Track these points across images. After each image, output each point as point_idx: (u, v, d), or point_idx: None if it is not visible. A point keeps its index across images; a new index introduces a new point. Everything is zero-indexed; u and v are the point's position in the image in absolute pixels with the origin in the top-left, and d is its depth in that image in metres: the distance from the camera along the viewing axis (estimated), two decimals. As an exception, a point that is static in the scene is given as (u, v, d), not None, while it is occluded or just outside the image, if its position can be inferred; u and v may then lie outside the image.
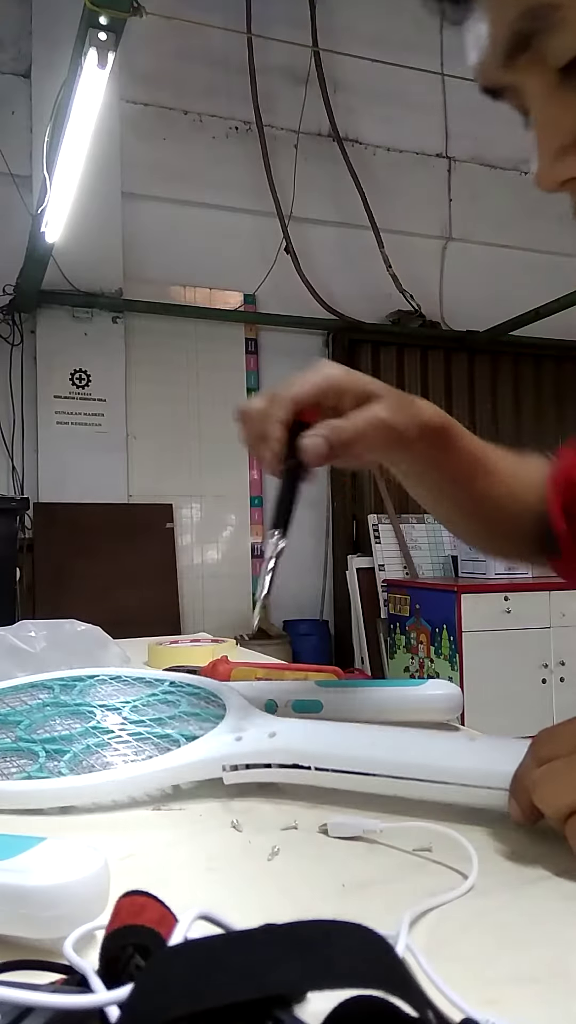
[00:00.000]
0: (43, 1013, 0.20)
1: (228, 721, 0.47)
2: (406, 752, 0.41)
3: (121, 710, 0.52)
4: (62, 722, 0.51)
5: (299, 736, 0.43)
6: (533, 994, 0.25)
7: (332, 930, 0.20)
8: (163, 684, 0.56)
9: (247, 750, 0.43)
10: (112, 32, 1.88)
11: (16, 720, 0.51)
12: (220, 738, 0.44)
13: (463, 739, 0.42)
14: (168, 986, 0.18)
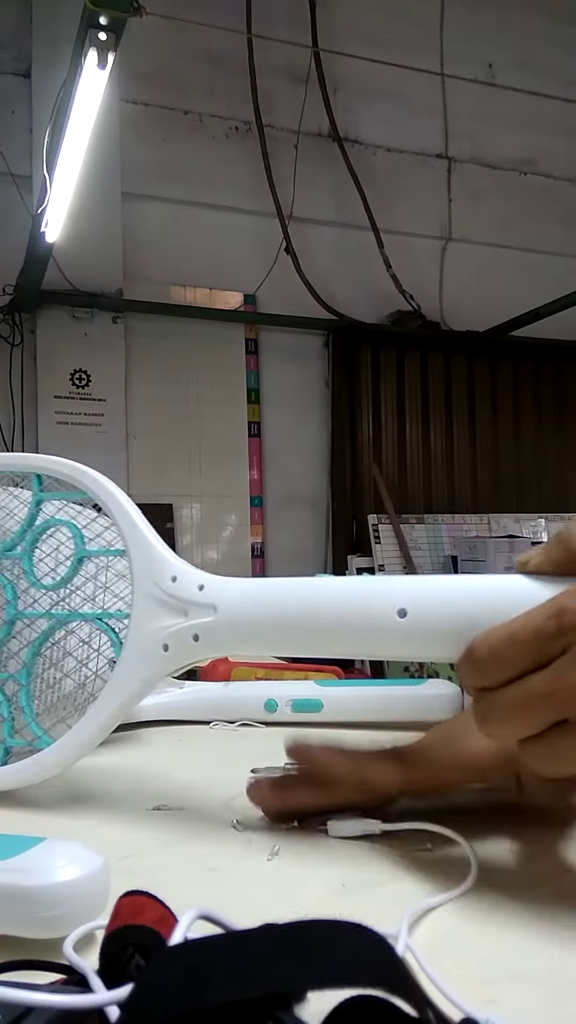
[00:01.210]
0: (43, 1013, 0.20)
1: (140, 592, 0.39)
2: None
3: (19, 560, 0.44)
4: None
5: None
6: (533, 994, 0.25)
7: (332, 930, 0.20)
8: (33, 492, 0.45)
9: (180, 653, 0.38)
10: (112, 32, 1.88)
11: None
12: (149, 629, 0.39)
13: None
14: (168, 986, 0.18)
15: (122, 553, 0.41)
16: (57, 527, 0.45)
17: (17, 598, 0.44)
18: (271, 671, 0.71)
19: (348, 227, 3.56)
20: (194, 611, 0.37)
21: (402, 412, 3.68)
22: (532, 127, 3.87)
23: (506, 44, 3.82)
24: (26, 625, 0.44)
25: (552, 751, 0.27)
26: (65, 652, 0.44)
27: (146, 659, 0.39)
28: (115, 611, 0.42)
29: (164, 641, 0.38)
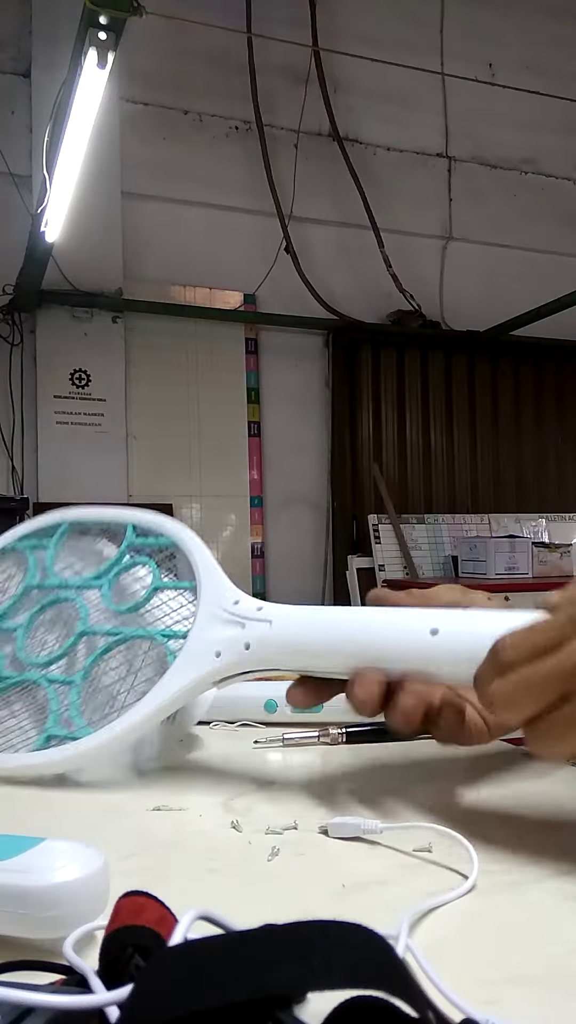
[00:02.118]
0: (43, 1013, 0.20)
1: (203, 613, 0.45)
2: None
3: (100, 588, 0.51)
4: (50, 623, 0.51)
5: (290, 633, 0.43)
6: (533, 994, 0.25)
7: (332, 930, 0.20)
8: (126, 537, 0.53)
9: (231, 661, 0.43)
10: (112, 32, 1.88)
11: (9, 627, 0.52)
12: (200, 651, 0.44)
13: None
14: (168, 986, 0.18)
15: (192, 587, 0.48)
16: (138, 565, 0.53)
17: (88, 616, 0.51)
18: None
19: (348, 226, 3.56)
20: (251, 625, 0.43)
21: (402, 412, 3.68)
22: (533, 126, 3.87)
23: (507, 43, 3.82)
24: (93, 638, 0.50)
25: (550, 729, 0.32)
26: (122, 662, 0.49)
27: (197, 663, 0.43)
28: (176, 630, 0.47)
29: (217, 648, 0.43)
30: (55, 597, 0.52)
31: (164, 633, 0.47)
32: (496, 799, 0.43)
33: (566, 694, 0.31)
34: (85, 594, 0.51)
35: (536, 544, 3.16)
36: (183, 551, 0.50)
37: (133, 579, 0.51)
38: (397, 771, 0.48)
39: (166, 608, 0.49)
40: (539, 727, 0.32)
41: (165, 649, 0.46)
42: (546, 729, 0.32)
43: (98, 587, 0.51)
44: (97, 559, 0.53)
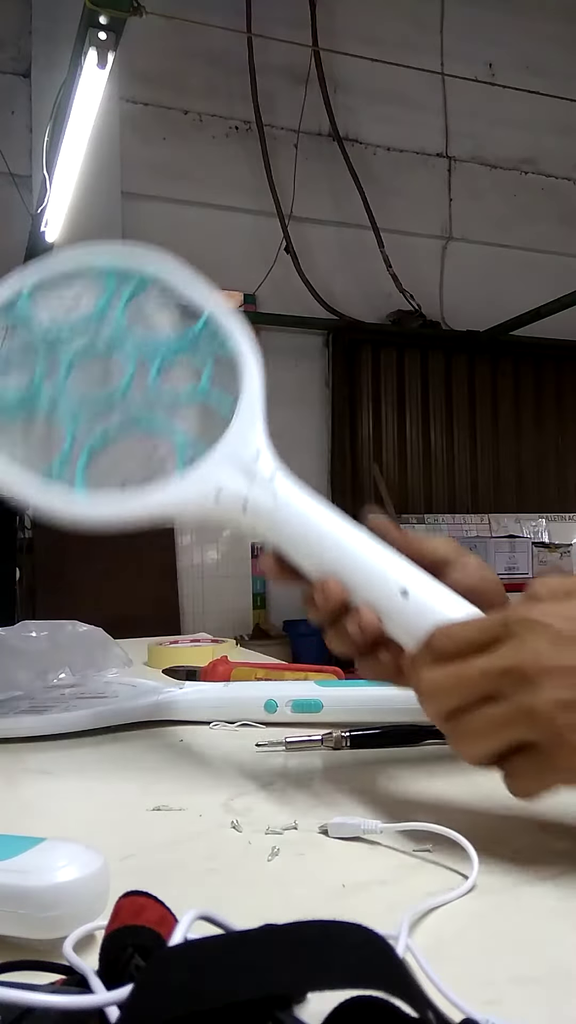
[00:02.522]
0: (43, 1013, 0.20)
1: (225, 446, 0.44)
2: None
3: (150, 364, 0.48)
4: (91, 372, 0.48)
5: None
6: (533, 994, 0.25)
7: (332, 930, 0.20)
8: (198, 325, 0.49)
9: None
10: (112, 31, 1.88)
11: (58, 342, 0.48)
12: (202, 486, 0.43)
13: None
14: (168, 986, 0.18)
15: (229, 413, 0.46)
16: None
17: (128, 382, 0.48)
18: (271, 671, 0.71)
19: (348, 226, 3.56)
20: (257, 488, 0.42)
21: (402, 412, 3.68)
22: (533, 126, 3.87)
23: (506, 43, 3.82)
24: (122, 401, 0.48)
25: (468, 727, 0.32)
26: (135, 448, 0.47)
27: (195, 490, 0.43)
28: (197, 446, 0.45)
29: (219, 489, 0.43)
30: (107, 345, 0.49)
31: (185, 441, 0.46)
32: (496, 799, 0.43)
33: (490, 694, 0.31)
34: (137, 358, 0.48)
35: (536, 544, 3.16)
36: (240, 374, 0.48)
37: (184, 370, 0.49)
38: (397, 771, 0.48)
39: (197, 415, 0.47)
40: (459, 723, 0.32)
41: (177, 458, 0.45)
42: (465, 726, 0.32)
43: (152, 360, 0.48)
44: (158, 332, 0.50)
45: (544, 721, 0.30)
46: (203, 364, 0.48)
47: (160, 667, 0.81)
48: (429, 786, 0.45)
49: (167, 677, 0.73)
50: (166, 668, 0.77)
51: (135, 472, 0.45)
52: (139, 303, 0.50)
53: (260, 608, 3.50)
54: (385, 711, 0.56)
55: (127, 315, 0.49)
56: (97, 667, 0.77)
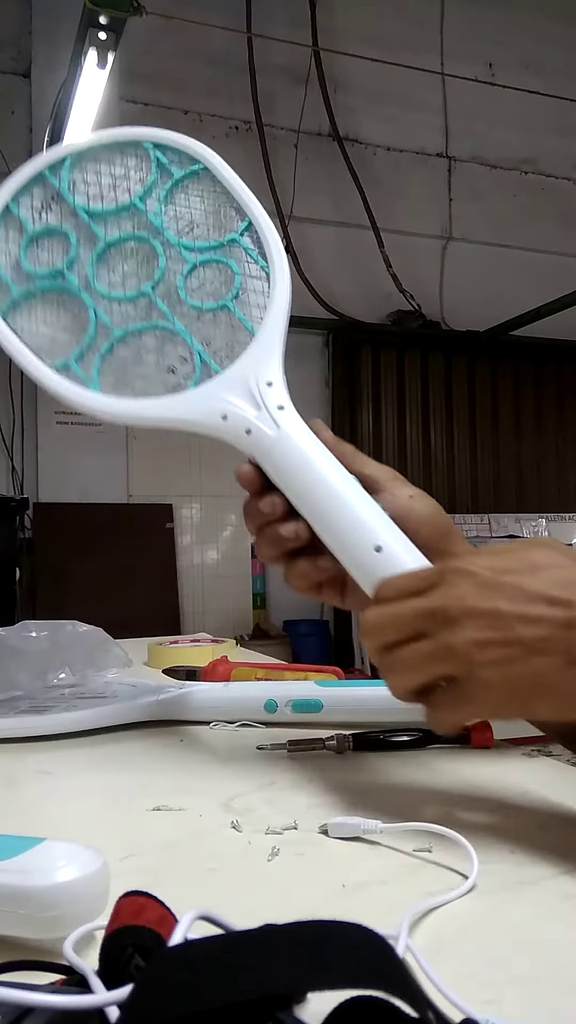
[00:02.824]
0: (43, 1013, 0.20)
1: (238, 368, 0.45)
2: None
3: (183, 266, 0.47)
4: (124, 259, 0.48)
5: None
6: (533, 994, 0.25)
7: (332, 930, 0.20)
8: (239, 228, 0.48)
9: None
10: (112, 31, 1.88)
11: (96, 217, 0.47)
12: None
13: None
14: (168, 986, 0.18)
15: (251, 330, 0.46)
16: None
17: (161, 280, 0.48)
18: (271, 671, 0.71)
19: (348, 226, 3.56)
20: (263, 417, 0.44)
21: (402, 412, 3.68)
22: (533, 126, 3.87)
23: (506, 43, 3.82)
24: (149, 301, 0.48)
25: (399, 660, 0.35)
26: (154, 347, 0.47)
27: (204, 407, 0.44)
28: (213, 361, 0.46)
29: (226, 413, 0.44)
30: (144, 232, 0.48)
31: (203, 354, 0.46)
32: (496, 800, 0.43)
33: (419, 632, 0.35)
34: (171, 253, 0.48)
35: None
36: (268, 297, 0.47)
37: (215, 276, 0.48)
38: (397, 771, 0.48)
39: (219, 326, 0.47)
40: (391, 656, 0.36)
41: (194, 370, 0.46)
42: (395, 660, 0.35)
43: (186, 257, 0.48)
44: (196, 228, 0.49)
45: (462, 658, 0.33)
46: (235, 275, 0.48)
47: (160, 667, 0.81)
48: (429, 786, 0.45)
49: (167, 677, 0.73)
50: (166, 668, 0.77)
51: (151, 377, 0.46)
52: (183, 192, 0.49)
53: (260, 608, 3.50)
54: (386, 711, 0.56)
55: (169, 204, 0.48)
56: (97, 667, 0.77)
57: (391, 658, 0.36)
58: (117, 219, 0.48)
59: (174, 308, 0.47)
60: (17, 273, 0.48)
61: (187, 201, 0.49)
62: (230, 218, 0.48)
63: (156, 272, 0.48)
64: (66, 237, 0.48)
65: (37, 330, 0.47)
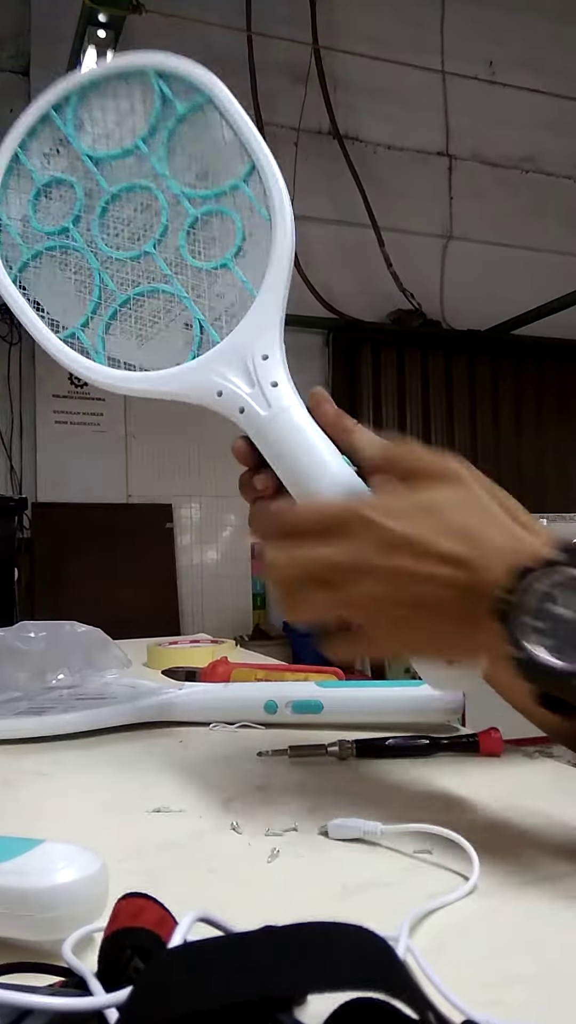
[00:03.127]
0: (42, 1015, 0.19)
1: (232, 341, 0.43)
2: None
3: (184, 219, 0.44)
4: (127, 212, 0.45)
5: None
6: (533, 995, 0.24)
7: (332, 932, 0.20)
8: (243, 171, 0.44)
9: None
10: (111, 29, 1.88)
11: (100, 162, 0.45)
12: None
13: None
14: (167, 988, 0.18)
15: (251, 294, 0.44)
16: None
17: (164, 234, 0.46)
18: (271, 672, 0.70)
19: (348, 225, 3.56)
20: (256, 395, 0.43)
21: (403, 411, 3.68)
22: (533, 125, 3.87)
23: (507, 41, 3.82)
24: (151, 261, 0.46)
25: (329, 641, 0.38)
26: (155, 311, 0.46)
27: (200, 383, 0.44)
28: (212, 327, 0.44)
29: (221, 389, 0.44)
30: (147, 179, 0.45)
31: (203, 321, 0.44)
32: (496, 801, 0.43)
33: (322, 580, 0.36)
34: (174, 204, 0.45)
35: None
36: (269, 259, 0.44)
37: (219, 231, 0.45)
38: (397, 773, 0.48)
39: (220, 288, 0.45)
40: (292, 597, 0.37)
41: (193, 339, 0.44)
42: (296, 601, 0.37)
43: (188, 208, 0.45)
44: (199, 172, 0.46)
45: (359, 611, 0.36)
46: (236, 228, 0.45)
47: (159, 668, 0.81)
48: (429, 787, 0.45)
49: (166, 678, 0.73)
50: (165, 669, 0.77)
51: (152, 347, 0.45)
52: (187, 130, 0.46)
53: (260, 608, 3.50)
54: (386, 712, 0.56)
55: (173, 145, 0.45)
56: (96, 668, 0.76)
57: (291, 597, 0.37)
58: (121, 165, 0.46)
59: (176, 269, 0.45)
60: (26, 230, 0.46)
61: (191, 141, 0.46)
62: (233, 160, 0.45)
63: (158, 228, 0.45)
64: (72, 188, 0.46)
65: (46, 294, 0.46)
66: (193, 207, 0.45)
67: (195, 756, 0.53)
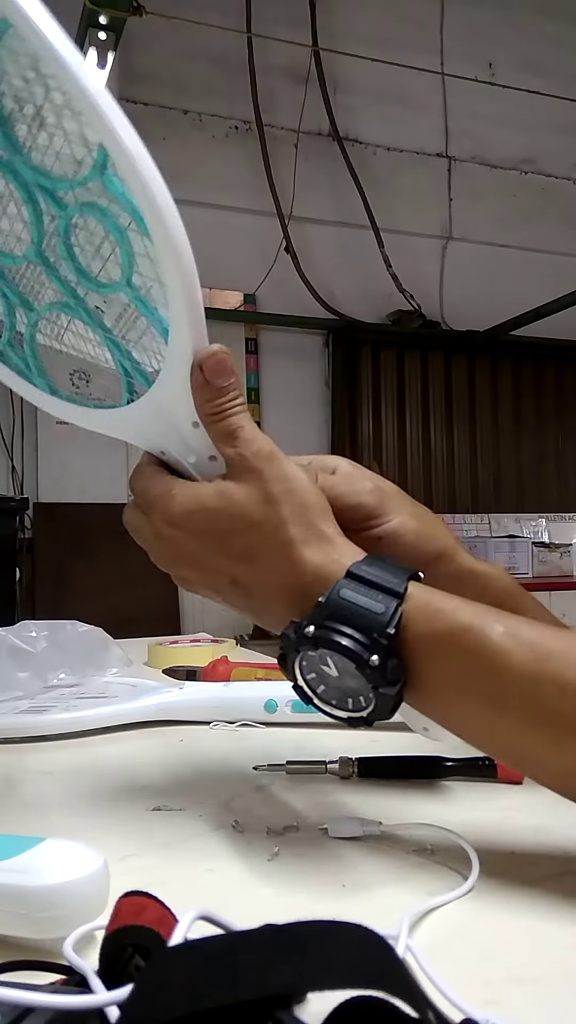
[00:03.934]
0: (43, 1013, 0.20)
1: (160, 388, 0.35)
2: None
3: (56, 222, 0.33)
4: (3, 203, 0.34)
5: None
6: (533, 994, 0.25)
7: (332, 930, 0.20)
8: (94, 161, 0.32)
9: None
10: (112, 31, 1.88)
11: None
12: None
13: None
14: (168, 987, 0.18)
15: (162, 337, 0.34)
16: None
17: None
18: (271, 671, 0.71)
19: (348, 226, 3.56)
20: (200, 465, 0.37)
21: (402, 412, 3.68)
22: (533, 126, 3.87)
23: (506, 43, 3.82)
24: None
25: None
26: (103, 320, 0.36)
27: (145, 436, 0.39)
28: (144, 373, 0.36)
29: (164, 448, 0.38)
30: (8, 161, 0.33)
31: (122, 360, 0.36)
32: (496, 800, 0.43)
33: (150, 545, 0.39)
34: (40, 196, 0.33)
35: (536, 544, 3.16)
36: (164, 292, 0.33)
37: (103, 235, 0.33)
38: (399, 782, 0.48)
39: (128, 319, 0.35)
40: (151, 555, 0.40)
41: (120, 379, 0.37)
42: (144, 544, 0.40)
43: (61, 213, 0.33)
44: (65, 144, 0.31)
45: (185, 584, 0.39)
46: (115, 239, 0.33)
47: (160, 667, 0.81)
48: (429, 786, 0.45)
49: (167, 677, 0.73)
50: (166, 668, 0.77)
51: (85, 378, 0.38)
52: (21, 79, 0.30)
53: (260, 608, 3.49)
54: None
55: (16, 105, 0.31)
56: (97, 667, 0.77)
57: (151, 556, 0.40)
58: None
59: (72, 284, 0.35)
60: None
61: (32, 100, 0.30)
62: (80, 135, 0.31)
63: (31, 229, 0.34)
64: None
65: None
66: (59, 205, 0.33)
67: (195, 755, 0.53)
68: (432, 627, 0.32)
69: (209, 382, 0.35)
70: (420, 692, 0.33)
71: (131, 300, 0.34)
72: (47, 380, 0.40)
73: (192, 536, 0.36)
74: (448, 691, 0.32)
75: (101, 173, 0.32)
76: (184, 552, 0.37)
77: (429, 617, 0.32)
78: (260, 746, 0.54)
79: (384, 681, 0.31)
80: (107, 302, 0.35)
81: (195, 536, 0.36)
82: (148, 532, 0.39)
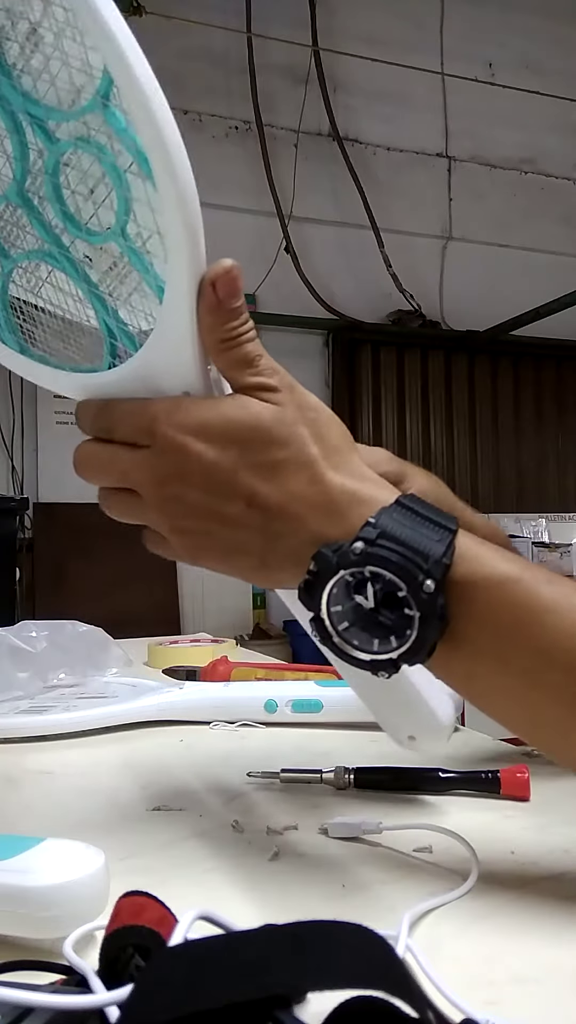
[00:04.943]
0: (43, 1013, 0.20)
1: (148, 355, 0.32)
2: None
3: (46, 157, 0.30)
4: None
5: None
6: (533, 994, 0.25)
7: (332, 930, 0.20)
8: (98, 88, 0.28)
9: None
10: (112, 32, 1.88)
11: None
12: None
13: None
14: (168, 986, 0.18)
15: (156, 294, 0.31)
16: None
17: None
18: (271, 671, 0.71)
19: (348, 226, 3.56)
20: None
21: (402, 412, 3.68)
22: (532, 126, 3.87)
23: (506, 43, 3.82)
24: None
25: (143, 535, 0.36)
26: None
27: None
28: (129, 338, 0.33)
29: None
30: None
31: (107, 319, 0.32)
32: (495, 800, 0.43)
33: (132, 488, 0.34)
34: (31, 128, 0.30)
35: (536, 544, 3.16)
36: (165, 247, 0.29)
37: (98, 175, 0.30)
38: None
39: (120, 273, 0.31)
40: (103, 492, 0.36)
41: (104, 341, 0.33)
42: (107, 497, 0.36)
43: (52, 147, 0.30)
44: (64, 73, 0.28)
45: (167, 537, 0.35)
46: (111, 180, 0.29)
47: (160, 667, 0.81)
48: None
49: (167, 677, 0.73)
50: (166, 668, 0.77)
51: (60, 338, 0.35)
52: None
53: (260, 608, 3.49)
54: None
55: (11, 22, 0.28)
56: (97, 667, 0.77)
57: (102, 492, 0.36)
58: None
59: (57, 230, 0.31)
60: None
61: (32, 19, 0.28)
62: (82, 59, 0.28)
63: (14, 164, 0.30)
64: None
65: None
66: (51, 139, 0.30)
67: (196, 755, 0.53)
68: (483, 570, 0.29)
69: (222, 302, 0.30)
70: (453, 641, 0.29)
71: (124, 252, 0.31)
72: (17, 337, 0.35)
73: (212, 446, 0.30)
74: (485, 639, 0.29)
75: (103, 104, 0.28)
76: (196, 467, 0.31)
77: (480, 559, 0.30)
78: (260, 746, 0.54)
79: (433, 612, 0.28)
80: (96, 252, 0.31)
81: (215, 446, 0.30)
82: (135, 458, 0.32)
